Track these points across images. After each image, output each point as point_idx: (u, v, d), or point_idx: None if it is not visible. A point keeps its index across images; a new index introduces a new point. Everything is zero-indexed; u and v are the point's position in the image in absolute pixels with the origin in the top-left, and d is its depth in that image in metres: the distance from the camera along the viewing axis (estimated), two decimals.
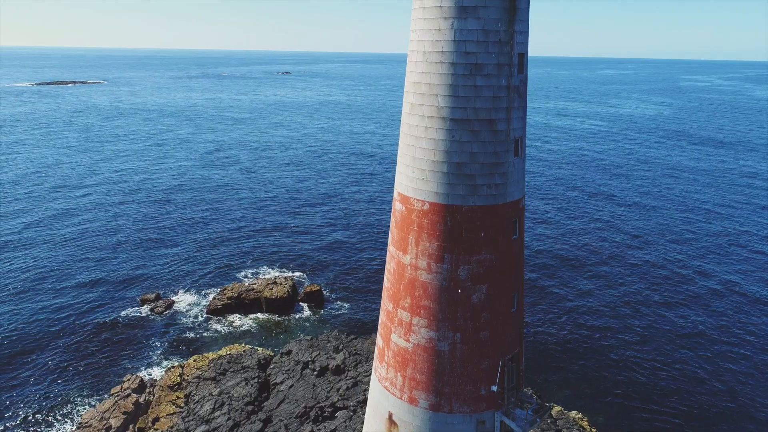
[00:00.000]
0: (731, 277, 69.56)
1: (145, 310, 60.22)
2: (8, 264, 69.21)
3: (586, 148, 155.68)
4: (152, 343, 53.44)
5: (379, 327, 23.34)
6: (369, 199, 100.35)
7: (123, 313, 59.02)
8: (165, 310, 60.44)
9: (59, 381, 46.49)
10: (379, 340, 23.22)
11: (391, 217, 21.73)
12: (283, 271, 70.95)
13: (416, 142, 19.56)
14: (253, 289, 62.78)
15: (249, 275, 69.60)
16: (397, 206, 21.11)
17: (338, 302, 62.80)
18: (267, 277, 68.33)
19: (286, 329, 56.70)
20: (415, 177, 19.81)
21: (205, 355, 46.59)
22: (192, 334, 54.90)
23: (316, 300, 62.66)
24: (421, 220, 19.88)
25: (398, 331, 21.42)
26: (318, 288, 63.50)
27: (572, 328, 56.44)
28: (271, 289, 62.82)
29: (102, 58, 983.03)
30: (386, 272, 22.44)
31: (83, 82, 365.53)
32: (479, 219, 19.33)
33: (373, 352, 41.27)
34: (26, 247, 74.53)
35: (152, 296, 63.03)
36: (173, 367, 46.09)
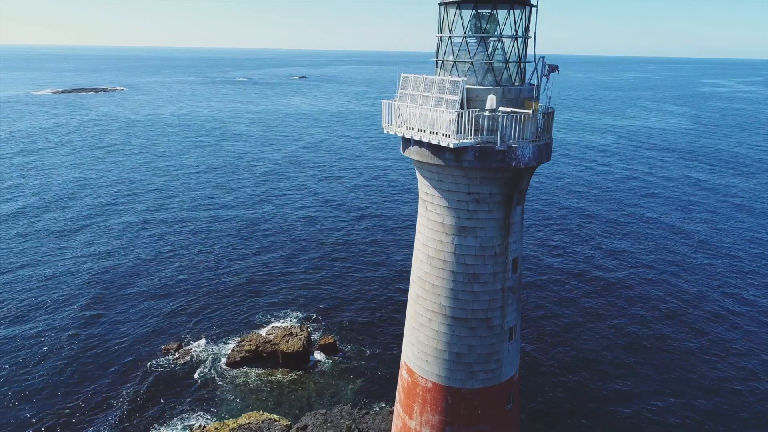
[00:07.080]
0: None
1: (166, 360, 63.41)
2: (16, 305, 72.28)
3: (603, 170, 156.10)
4: (173, 398, 56.47)
5: None
6: (386, 240, 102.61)
7: (149, 364, 62.25)
8: (186, 362, 63.65)
9: None
10: None
11: (399, 380, 24.20)
12: (300, 314, 73.92)
13: (421, 329, 22.03)
14: (270, 341, 65.78)
15: (266, 318, 72.87)
16: (404, 374, 23.60)
17: (351, 354, 65.51)
18: (283, 324, 71.33)
19: (302, 386, 59.45)
20: (420, 357, 22.29)
21: (225, 422, 49.56)
22: (212, 391, 57.90)
23: (330, 353, 65.50)
24: (424, 394, 22.35)
25: None
26: (333, 340, 66.37)
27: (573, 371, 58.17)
28: (287, 341, 65.74)
29: (119, 60, 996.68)
30: (393, 426, 24.92)
31: (104, 90, 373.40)
32: (476, 399, 21.74)
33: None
34: (39, 288, 77.59)
35: (174, 345, 66.36)
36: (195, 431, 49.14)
